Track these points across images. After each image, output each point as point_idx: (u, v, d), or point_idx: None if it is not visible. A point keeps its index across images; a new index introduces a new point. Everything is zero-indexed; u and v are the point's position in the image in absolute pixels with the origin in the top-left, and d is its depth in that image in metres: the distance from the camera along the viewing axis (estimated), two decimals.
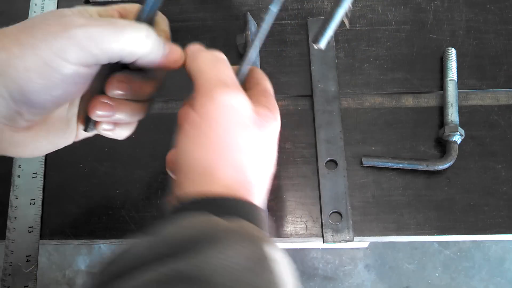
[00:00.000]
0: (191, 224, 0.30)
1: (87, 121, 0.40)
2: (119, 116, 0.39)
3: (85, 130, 0.41)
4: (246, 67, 0.40)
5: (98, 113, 0.38)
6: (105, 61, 0.35)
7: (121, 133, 0.41)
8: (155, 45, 0.36)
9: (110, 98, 0.38)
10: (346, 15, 0.47)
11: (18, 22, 0.60)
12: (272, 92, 0.41)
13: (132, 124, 0.42)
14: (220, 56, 0.39)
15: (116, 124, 0.40)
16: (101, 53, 0.34)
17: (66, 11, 0.35)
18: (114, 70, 0.38)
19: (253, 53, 0.40)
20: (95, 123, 0.40)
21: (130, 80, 0.38)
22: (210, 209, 0.32)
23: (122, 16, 0.39)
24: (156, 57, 0.37)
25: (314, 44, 0.38)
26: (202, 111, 0.36)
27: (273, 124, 0.39)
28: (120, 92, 0.38)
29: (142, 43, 0.35)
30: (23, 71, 0.33)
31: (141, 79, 0.39)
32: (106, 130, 0.40)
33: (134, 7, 0.39)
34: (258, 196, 0.36)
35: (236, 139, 0.35)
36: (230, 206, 0.33)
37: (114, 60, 0.35)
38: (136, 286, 0.26)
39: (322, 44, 0.38)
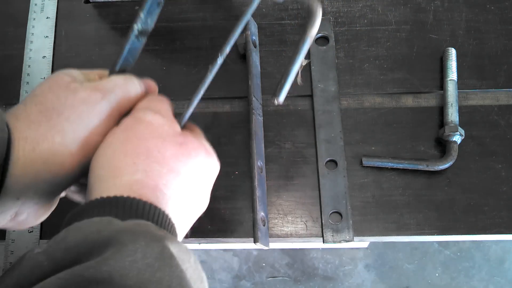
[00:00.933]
0: (93, 228, 0.30)
1: None
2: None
3: None
4: (188, 112, 0.41)
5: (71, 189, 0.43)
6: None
7: None
8: (138, 83, 0.41)
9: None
10: (299, 73, 0.55)
11: (17, 22, 0.60)
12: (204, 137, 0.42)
13: None
14: (163, 98, 0.41)
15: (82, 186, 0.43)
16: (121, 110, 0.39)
17: (65, 79, 0.38)
18: None
19: (196, 101, 0.41)
20: None
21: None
22: (112, 211, 0.32)
23: (101, 78, 0.42)
24: (139, 90, 0.41)
25: (273, 100, 0.41)
26: (123, 124, 0.38)
27: (201, 154, 0.39)
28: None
29: (135, 85, 0.41)
30: (68, 156, 0.36)
31: None
32: (73, 192, 0.43)
33: (106, 72, 0.43)
34: (173, 210, 0.36)
35: (151, 148, 0.36)
36: (132, 207, 0.33)
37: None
38: None
39: (281, 99, 0.42)
